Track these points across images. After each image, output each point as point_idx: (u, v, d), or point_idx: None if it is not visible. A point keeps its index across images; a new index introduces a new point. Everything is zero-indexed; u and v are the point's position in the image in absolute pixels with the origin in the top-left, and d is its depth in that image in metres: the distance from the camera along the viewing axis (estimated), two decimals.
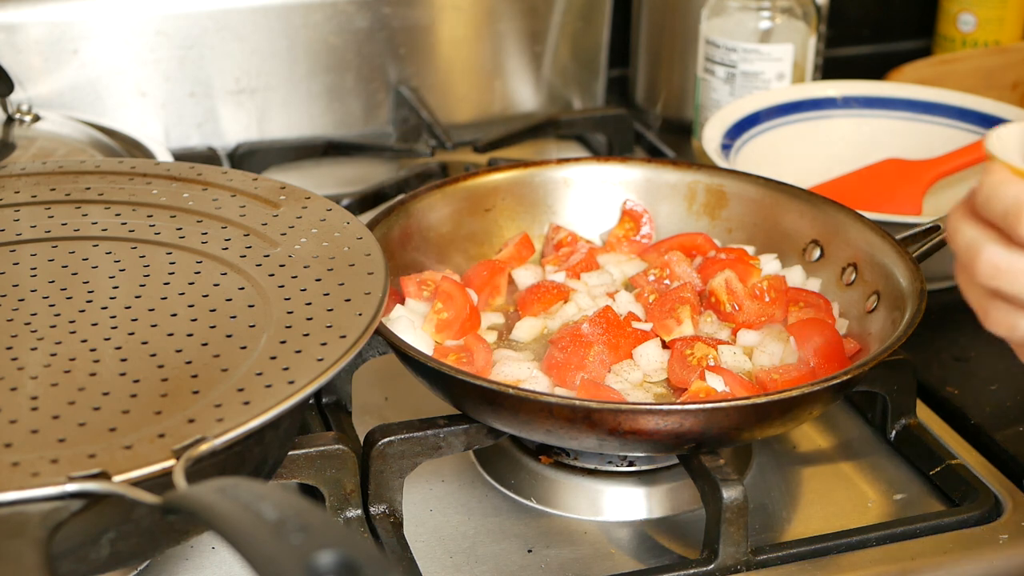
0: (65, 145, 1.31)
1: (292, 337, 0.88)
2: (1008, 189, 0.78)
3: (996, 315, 0.81)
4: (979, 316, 0.83)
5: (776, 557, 0.96)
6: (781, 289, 1.11)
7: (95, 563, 0.80)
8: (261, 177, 1.09)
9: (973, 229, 0.80)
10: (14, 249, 1.00)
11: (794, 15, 1.47)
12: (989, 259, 0.79)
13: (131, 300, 0.93)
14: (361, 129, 1.57)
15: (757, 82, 1.46)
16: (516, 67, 1.60)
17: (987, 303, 0.81)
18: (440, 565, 0.97)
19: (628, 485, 1.03)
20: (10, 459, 0.77)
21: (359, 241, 1.00)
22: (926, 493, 1.05)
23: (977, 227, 0.80)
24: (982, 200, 0.79)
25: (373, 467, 0.97)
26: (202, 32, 1.47)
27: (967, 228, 0.80)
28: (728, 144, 1.37)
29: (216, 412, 0.81)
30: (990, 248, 0.79)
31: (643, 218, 1.20)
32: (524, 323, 1.11)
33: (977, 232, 0.80)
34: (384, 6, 1.52)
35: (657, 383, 1.05)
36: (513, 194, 1.20)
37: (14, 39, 1.42)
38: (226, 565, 0.96)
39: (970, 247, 0.80)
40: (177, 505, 0.72)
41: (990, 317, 0.81)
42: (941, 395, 1.15)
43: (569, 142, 1.59)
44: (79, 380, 0.85)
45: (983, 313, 0.82)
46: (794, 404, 0.94)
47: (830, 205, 1.14)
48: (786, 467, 1.08)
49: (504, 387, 0.93)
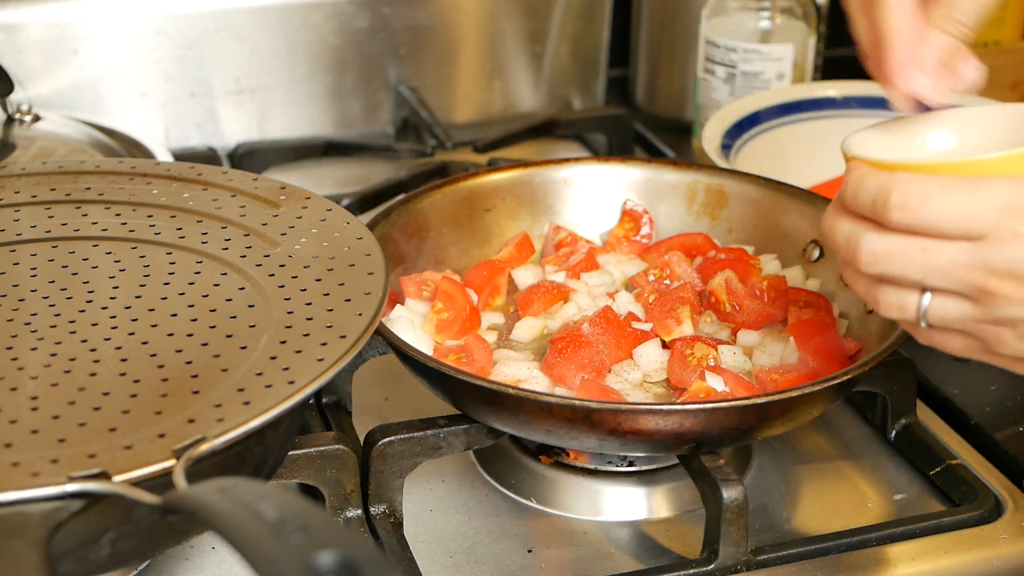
0: (65, 145, 1.31)
1: (292, 337, 0.88)
2: (871, 180, 0.82)
3: (885, 299, 0.85)
4: (871, 305, 0.87)
5: (776, 557, 0.96)
6: (781, 289, 1.11)
7: (95, 563, 0.80)
8: (261, 177, 1.09)
9: (847, 223, 0.84)
10: (14, 249, 1.00)
11: (794, 15, 1.47)
12: (867, 248, 0.83)
13: (131, 300, 0.93)
14: (361, 129, 1.57)
15: (757, 82, 1.46)
16: (516, 67, 1.60)
17: (875, 290, 0.85)
18: (440, 565, 0.97)
19: (628, 485, 1.03)
20: (10, 459, 0.77)
21: (359, 241, 1.00)
22: (926, 493, 1.05)
23: (851, 221, 0.84)
24: (850, 196, 0.84)
25: (373, 467, 0.97)
26: (202, 32, 1.47)
27: (842, 224, 0.85)
28: (728, 144, 1.37)
29: (216, 412, 0.81)
30: (866, 238, 0.83)
31: (643, 218, 1.20)
32: (524, 323, 1.11)
33: (851, 225, 0.84)
34: (384, 6, 1.52)
35: (657, 383, 1.05)
36: (513, 194, 1.20)
37: (14, 39, 1.42)
38: (226, 565, 0.96)
39: (848, 241, 0.84)
40: (177, 505, 0.72)
41: (880, 303, 0.85)
42: (941, 395, 1.15)
43: (569, 142, 1.59)
44: (79, 380, 0.85)
45: (873, 301, 0.86)
46: (794, 404, 0.94)
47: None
48: (786, 467, 1.08)
49: (504, 387, 0.93)
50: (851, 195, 0.83)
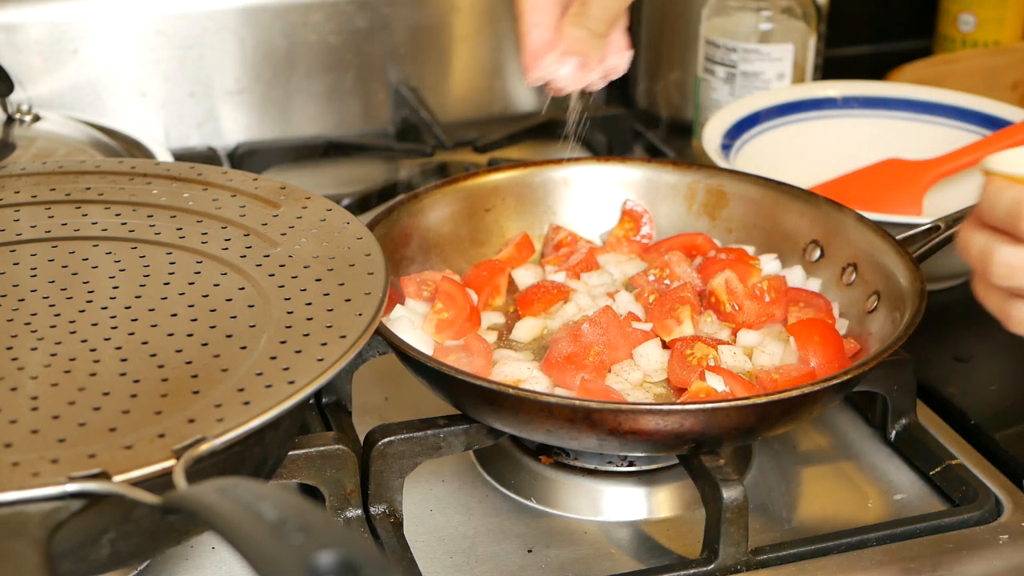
0: (65, 145, 1.31)
1: (292, 337, 0.88)
2: (1006, 193, 0.83)
3: (1018, 314, 0.85)
4: (1002, 320, 0.86)
5: (776, 557, 0.96)
6: (781, 289, 1.11)
7: (95, 563, 0.80)
8: (261, 177, 1.09)
9: (982, 236, 0.84)
10: (14, 249, 1.00)
11: (794, 15, 1.47)
12: (1001, 260, 0.83)
13: (131, 300, 0.93)
14: (361, 129, 1.57)
15: (757, 82, 1.46)
16: (516, 67, 1.60)
17: (1007, 305, 0.85)
18: (440, 565, 0.97)
19: (628, 485, 1.03)
20: (10, 459, 0.77)
21: (359, 241, 1.00)
22: (926, 493, 1.05)
23: (985, 234, 0.84)
24: (985, 208, 0.84)
25: (373, 467, 0.97)
26: (202, 32, 1.47)
27: (976, 237, 0.85)
28: (728, 144, 1.37)
29: (216, 412, 0.81)
30: (1000, 250, 0.83)
31: (643, 218, 1.20)
32: (524, 323, 1.11)
33: (985, 238, 0.84)
34: (384, 6, 1.52)
35: (657, 383, 1.05)
36: (513, 194, 1.20)
37: (14, 39, 1.42)
38: (226, 565, 0.96)
39: (982, 253, 0.84)
40: (177, 505, 0.72)
41: (1012, 318, 0.85)
42: (941, 395, 1.15)
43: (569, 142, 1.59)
44: (79, 380, 0.85)
45: (1005, 316, 0.85)
46: (794, 404, 0.94)
47: (830, 205, 1.14)
48: (786, 467, 1.08)
49: (504, 387, 0.93)
50: (986, 207, 0.84)
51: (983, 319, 1.11)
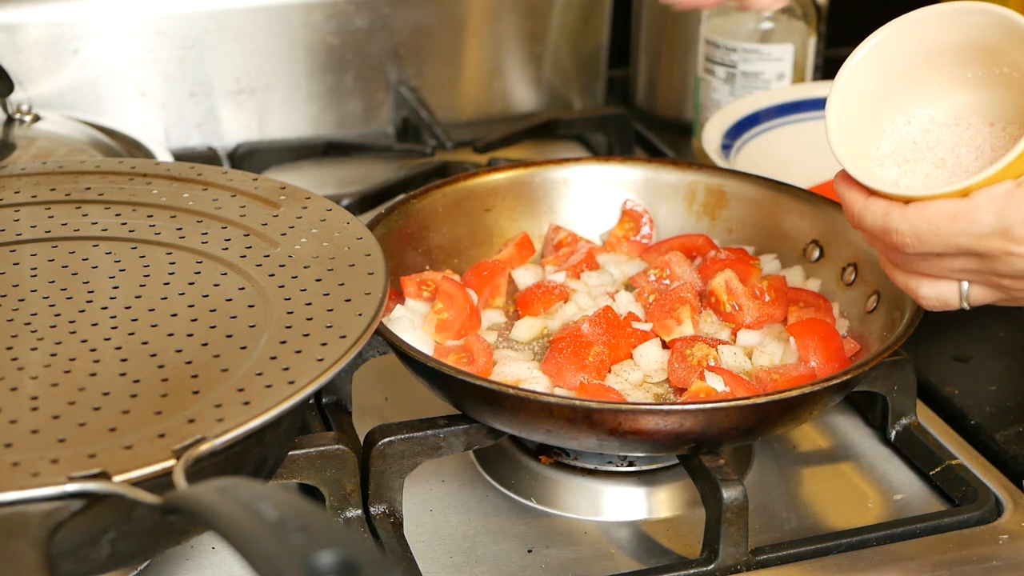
0: (65, 145, 1.31)
1: (292, 337, 0.88)
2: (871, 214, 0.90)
3: (926, 291, 0.91)
4: (916, 300, 0.93)
5: (776, 557, 0.96)
6: (781, 289, 1.11)
7: (95, 563, 0.80)
8: (261, 177, 1.09)
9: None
10: (14, 249, 1.00)
11: (794, 15, 1.47)
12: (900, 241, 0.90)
13: (131, 300, 0.93)
14: (361, 129, 1.57)
15: (757, 82, 1.46)
16: (516, 67, 1.60)
17: (914, 283, 0.91)
18: (440, 565, 0.97)
19: (628, 485, 1.03)
20: (10, 459, 0.77)
21: (359, 241, 1.00)
22: (926, 493, 1.05)
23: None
24: (856, 220, 0.91)
25: (373, 467, 0.97)
26: (202, 32, 1.47)
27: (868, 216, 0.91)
28: (728, 144, 1.37)
29: (216, 412, 0.81)
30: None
31: (643, 218, 1.20)
32: (524, 323, 1.11)
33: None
34: (384, 6, 1.52)
35: (657, 383, 1.05)
36: (513, 194, 1.20)
37: (14, 39, 1.42)
38: (226, 565, 0.96)
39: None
40: (177, 505, 0.72)
41: (921, 296, 0.92)
42: (941, 395, 1.15)
43: (569, 142, 1.59)
44: (79, 380, 0.85)
45: (914, 294, 0.92)
46: (794, 404, 0.94)
47: (830, 205, 1.14)
48: (786, 467, 1.08)
49: (504, 387, 0.93)
50: (857, 219, 0.91)
51: (983, 319, 1.11)
